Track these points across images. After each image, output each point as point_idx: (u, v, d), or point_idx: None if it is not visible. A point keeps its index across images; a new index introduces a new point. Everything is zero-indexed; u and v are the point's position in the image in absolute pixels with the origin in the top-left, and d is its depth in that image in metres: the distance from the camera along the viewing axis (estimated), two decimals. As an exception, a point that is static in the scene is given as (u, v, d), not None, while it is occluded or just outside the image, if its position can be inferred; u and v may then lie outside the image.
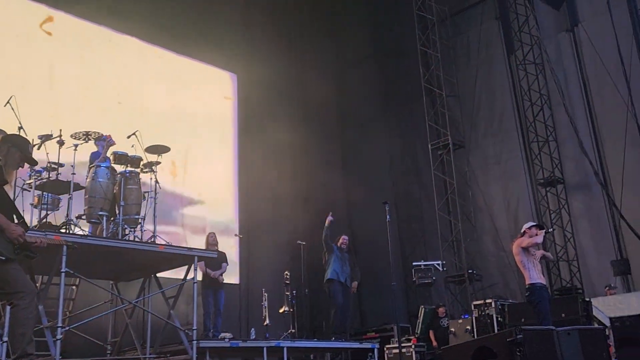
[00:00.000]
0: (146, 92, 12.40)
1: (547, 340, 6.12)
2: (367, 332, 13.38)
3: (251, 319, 12.05)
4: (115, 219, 7.91)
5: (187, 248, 8.04)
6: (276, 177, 14.57)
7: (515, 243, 7.49)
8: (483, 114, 15.07)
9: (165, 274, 8.83)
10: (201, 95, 13.76)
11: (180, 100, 13.04)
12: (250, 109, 14.64)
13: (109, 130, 8.72)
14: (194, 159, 12.85)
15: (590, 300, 9.56)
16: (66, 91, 11.00)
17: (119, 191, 7.98)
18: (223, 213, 13.47)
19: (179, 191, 12.25)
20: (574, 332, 6.42)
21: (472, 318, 10.81)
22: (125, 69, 12.21)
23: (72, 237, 6.92)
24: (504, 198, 14.44)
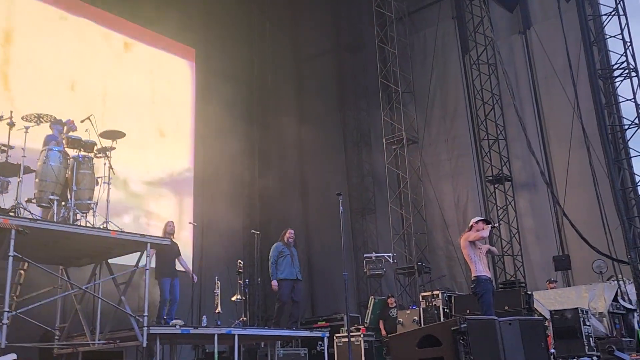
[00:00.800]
0: (102, 75, 12.10)
1: (490, 330, 6.27)
2: (318, 321, 13.43)
3: (203, 307, 11.97)
4: (67, 203, 7.71)
5: (140, 234, 7.91)
6: (232, 165, 14.45)
7: (463, 237, 7.61)
8: (437, 111, 15.27)
9: (116, 260, 8.67)
10: (158, 80, 13.52)
11: (136, 84, 12.78)
12: (207, 95, 14.45)
13: (62, 113, 8.48)
14: (149, 144, 12.62)
15: (532, 294, 9.81)
16: (18, 73, 10.64)
17: (72, 176, 7.77)
18: (178, 200, 13.29)
19: (133, 177, 12.01)
20: (515, 322, 6.59)
21: (420, 309, 10.96)
22: (80, 51, 11.88)
23: (21, 220, 6.72)
24: (454, 193, 14.69)
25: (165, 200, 12.83)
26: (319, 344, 12.16)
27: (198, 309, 12.18)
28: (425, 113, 15.11)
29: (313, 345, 12.25)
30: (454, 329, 5.94)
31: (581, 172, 12.26)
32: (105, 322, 7.99)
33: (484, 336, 6.16)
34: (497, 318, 6.50)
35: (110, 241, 7.73)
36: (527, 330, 6.63)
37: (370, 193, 16.50)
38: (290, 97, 16.82)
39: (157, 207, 12.41)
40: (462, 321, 5.93)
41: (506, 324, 6.46)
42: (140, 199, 12.12)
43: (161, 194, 12.82)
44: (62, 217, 7.62)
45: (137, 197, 11.97)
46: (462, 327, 5.90)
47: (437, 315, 10.56)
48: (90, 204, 7.93)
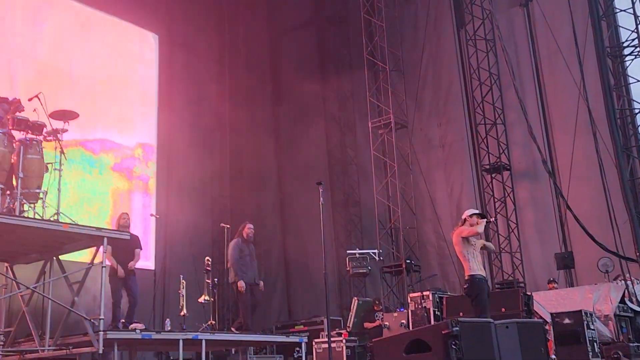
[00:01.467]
0: (55, 50, 11.96)
1: (484, 334, 6.35)
2: (295, 325, 13.51)
3: (167, 309, 11.97)
4: (13, 192, 7.64)
5: (95, 228, 7.86)
6: (201, 150, 14.40)
7: (455, 232, 7.67)
8: (428, 92, 15.34)
9: (69, 257, 8.61)
10: (118, 57, 13.40)
11: (94, 60, 12.66)
12: (173, 73, 14.36)
13: (7, 91, 8.38)
14: (106, 125, 12.52)
15: (531, 295, 9.95)
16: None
17: (17, 161, 7.69)
18: (138, 189, 13.23)
19: (89, 162, 11.93)
20: (512, 325, 6.69)
21: (408, 311, 11.03)
22: (31, 24, 11.73)
23: (-40, 211, 6.65)
24: (447, 184, 14.81)
25: (124, 190, 12.75)
26: (296, 351, 12.20)
27: (161, 312, 12.17)
28: (415, 94, 15.16)
29: (290, 351, 12.29)
30: (445, 332, 6.01)
31: (587, 160, 12.41)
32: (56, 326, 7.94)
33: (478, 340, 6.24)
34: (492, 321, 6.59)
35: (62, 235, 7.66)
36: (526, 334, 6.74)
37: (354, 183, 16.55)
38: (265, 75, 16.77)
39: (115, 197, 12.33)
40: (454, 324, 6.00)
41: (503, 327, 6.56)
42: (96, 187, 12.03)
43: (120, 182, 12.73)
44: (7, 207, 7.54)
45: (92, 185, 11.88)
46: (454, 331, 5.97)
47: (427, 318, 10.65)
48: (39, 193, 7.86)
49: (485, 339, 6.32)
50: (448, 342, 5.95)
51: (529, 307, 9.57)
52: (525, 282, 12.92)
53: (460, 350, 5.95)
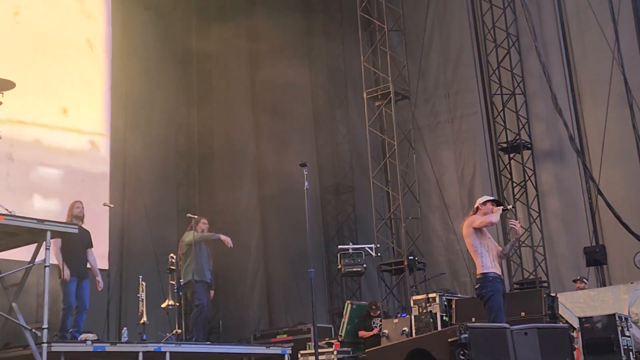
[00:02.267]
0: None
1: (498, 341, 6.37)
2: (277, 334, 13.52)
3: (124, 316, 11.96)
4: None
5: (37, 220, 7.81)
6: (161, 124, 14.32)
7: (466, 222, 7.68)
8: (435, 57, 15.33)
9: (6, 255, 8.57)
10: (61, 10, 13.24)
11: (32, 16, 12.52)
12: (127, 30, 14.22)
13: None
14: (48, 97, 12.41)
15: (556, 296, 10.01)
16: None
17: (-57, 140, 7.65)
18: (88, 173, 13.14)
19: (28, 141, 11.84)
20: (532, 331, 6.71)
21: (411, 317, 11.07)
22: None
23: None
24: (457, 165, 14.85)
25: (71, 174, 12.67)
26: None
27: (117, 319, 12.16)
28: (419, 59, 15.15)
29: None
30: (452, 340, 6.03)
31: (621, 137, 12.46)
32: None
33: (491, 349, 6.26)
34: (508, 326, 6.61)
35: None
36: (548, 342, 6.77)
37: (346, 165, 16.55)
38: (239, 34, 16.66)
39: (60, 183, 12.25)
40: (463, 330, 6.02)
41: (521, 333, 6.58)
42: (37, 171, 11.95)
43: (65, 164, 12.65)
44: None
45: (31, 168, 11.80)
46: (462, 338, 5.99)
47: (433, 324, 10.70)
48: (-31, 179, 7.82)
49: (500, 347, 6.35)
50: (455, 351, 5.97)
51: (553, 310, 9.63)
52: (549, 282, 13.01)
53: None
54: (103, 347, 8.11)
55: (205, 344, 9.61)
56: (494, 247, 7.66)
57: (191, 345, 9.39)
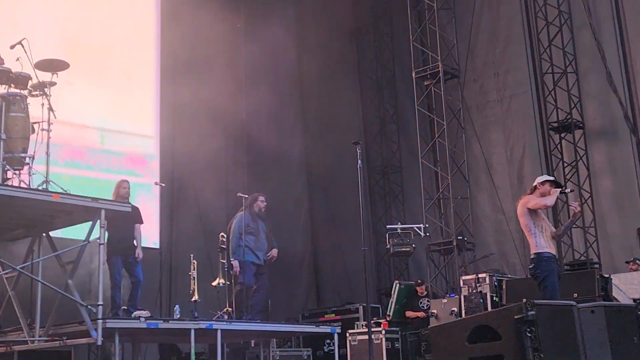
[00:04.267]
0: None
1: (565, 319, 6.26)
2: (325, 313, 13.60)
3: (175, 294, 12.10)
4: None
5: (92, 198, 7.92)
6: (213, 108, 14.37)
7: (521, 201, 7.62)
8: (484, 35, 15.15)
9: (61, 233, 8.71)
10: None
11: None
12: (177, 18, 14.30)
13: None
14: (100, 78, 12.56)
15: (609, 277, 9.87)
16: None
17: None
18: (139, 153, 13.30)
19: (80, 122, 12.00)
20: (599, 309, 6.57)
21: (460, 297, 11.06)
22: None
23: None
24: (506, 145, 14.69)
25: (122, 154, 12.83)
26: (326, 343, 12.32)
27: (168, 297, 12.31)
28: (468, 37, 14.97)
29: (319, 344, 12.41)
30: (518, 317, 5.94)
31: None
32: (47, 313, 8.08)
33: (557, 327, 6.16)
34: (574, 304, 6.51)
35: (52, 207, 7.76)
36: (616, 320, 6.63)
37: (394, 145, 16.50)
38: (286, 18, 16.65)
39: (112, 162, 12.41)
40: (530, 307, 5.92)
41: (587, 311, 6.46)
42: (90, 151, 12.12)
43: (118, 144, 12.80)
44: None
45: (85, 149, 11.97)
46: (529, 315, 5.89)
47: (483, 305, 10.66)
48: (25, 158, 7.94)
49: (566, 325, 6.24)
50: (522, 329, 5.89)
51: (606, 291, 9.51)
52: (601, 263, 12.80)
53: (537, 338, 5.87)
54: (156, 324, 8.22)
55: (255, 322, 9.66)
56: (548, 227, 7.59)
57: (241, 323, 9.46)
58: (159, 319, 8.73)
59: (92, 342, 7.68)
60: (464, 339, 6.37)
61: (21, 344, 8.23)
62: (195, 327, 8.42)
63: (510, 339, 6.02)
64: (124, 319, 8.56)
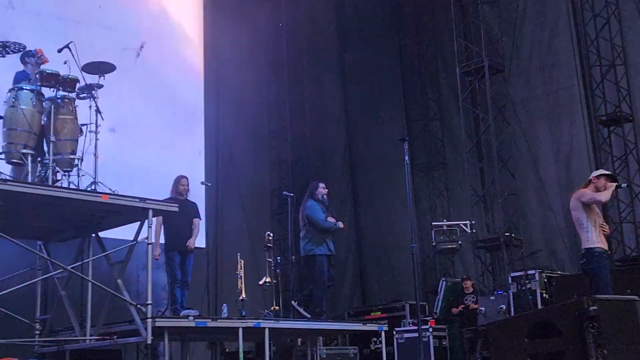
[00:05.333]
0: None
1: (628, 314, 6.17)
2: (371, 311, 13.59)
3: (222, 293, 12.18)
4: (44, 159, 7.84)
5: (139, 198, 8.00)
6: (253, 103, 14.47)
7: (575, 195, 7.54)
8: (529, 28, 14.94)
9: (110, 233, 8.82)
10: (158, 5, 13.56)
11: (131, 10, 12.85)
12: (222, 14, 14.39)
13: (33, 41, 8.56)
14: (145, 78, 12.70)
15: (662, 273, 9.71)
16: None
17: (48, 122, 7.89)
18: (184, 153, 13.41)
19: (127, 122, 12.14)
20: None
21: (509, 294, 10.97)
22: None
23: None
24: (554, 140, 14.49)
25: (168, 154, 12.94)
26: (373, 341, 12.30)
27: (215, 296, 12.40)
28: (513, 31, 14.80)
29: (366, 342, 12.39)
30: (579, 312, 5.85)
31: None
32: (98, 312, 8.19)
33: (620, 323, 6.06)
34: (637, 299, 6.40)
35: (101, 207, 7.86)
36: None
37: (439, 141, 16.38)
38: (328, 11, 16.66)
39: (159, 162, 12.52)
40: (592, 302, 5.83)
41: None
42: (137, 151, 12.25)
43: (163, 144, 12.92)
44: (39, 176, 7.76)
45: (132, 149, 12.10)
46: (591, 311, 5.80)
47: (532, 301, 10.56)
48: (74, 160, 8.06)
49: (629, 320, 6.14)
50: (584, 324, 5.80)
51: (660, 288, 9.32)
52: (653, 258, 12.58)
53: (600, 334, 5.79)
54: (205, 323, 8.29)
55: (302, 321, 9.67)
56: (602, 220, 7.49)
57: (289, 321, 9.49)
58: (208, 317, 8.82)
59: (142, 341, 7.75)
60: (523, 335, 6.30)
61: (73, 343, 8.36)
62: (243, 326, 8.46)
63: (572, 335, 5.95)
64: (173, 317, 8.63)
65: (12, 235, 7.73)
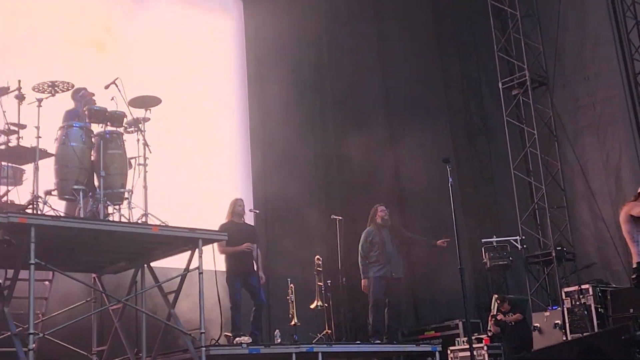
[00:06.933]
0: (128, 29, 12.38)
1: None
2: (425, 330, 13.51)
3: (274, 318, 12.20)
4: (95, 193, 8.00)
5: (189, 229, 8.11)
6: (300, 134, 14.54)
7: (625, 208, 7.46)
8: (571, 39, 14.84)
9: (162, 263, 8.94)
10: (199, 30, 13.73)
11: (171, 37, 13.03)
12: (264, 47, 14.55)
13: (81, 79, 8.76)
14: (192, 112, 12.88)
15: None
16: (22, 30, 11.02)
17: (98, 158, 8.05)
18: (232, 181, 13.53)
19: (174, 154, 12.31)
20: None
21: (563, 309, 10.82)
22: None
23: (42, 218, 7.02)
24: (602, 150, 14.32)
25: (217, 183, 13.06)
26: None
27: (267, 321, 12.42)
28: (555, 43, 14.68)
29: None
30: (626, 337, 5.76)
31: None
32: (152, 342, 8.30)
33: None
34: None
35: (152, 239, 7.98)
36: None
37: (485, 157, 16.28)
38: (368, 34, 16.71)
39: (208, 190, 12.65)
40: (637, 326, 5.74)
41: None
42: (185, 182, 12.39)
43: (212, 174, 13.05)
44: (90, 211, 7.90)
45: (181, 180, 12.25)
46: (637, 335, 5.71)
47: (587, 317, 10.39)
48: (124, 193, 8.20)
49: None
50: (631, 350, 5.70)
51: None
52: None
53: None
54: (258, 350, 8.34)
55: (356, 344, 9.67)
56: None
57: (342, 345, 9.50)
58: (261, 344, 8.84)
59: (197, 370, 7.83)
60: (571, 361, 6.23)
61: (129, 373, 8.47)
62: (297, 351, 8.50)
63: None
64: (226, 345, 8.69)
65: (67, 269, 7.90)
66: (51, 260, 7.23)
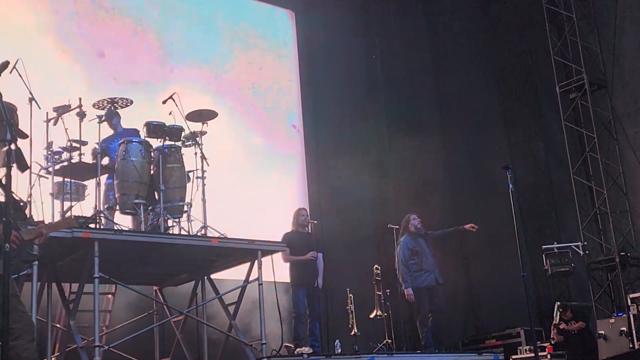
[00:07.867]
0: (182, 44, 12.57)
1: None
2: (485, 339, 13.34)
3: (334, 328, 12.18)
4: (155, 207, 8.11)
5: (248, 240, 8.17)
6: (355, 141, 14.54)
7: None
8: (629, 40, 14.54)
9: (222, 275, 9.01)
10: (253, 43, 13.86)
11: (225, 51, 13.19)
12: (317, 60, 14.62)
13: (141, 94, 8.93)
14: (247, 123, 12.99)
15: None
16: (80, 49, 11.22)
17: (157, 172, 8.17)
18: (288, 190, 13.58)
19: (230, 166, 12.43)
20: None
21: (629, 316, 10.57)
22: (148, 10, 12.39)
23: (105, 232, 7.14)
24: (664, 152, 13.99)
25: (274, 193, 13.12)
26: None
27: (326, 331, 12.41)
28: (613, 44, 14.42)
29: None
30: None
31: None
32: (214, 353, 8.36)
33: None
34: None
35: (212, 251, 8.07)
36: None
37: (542, 162, 16.03)
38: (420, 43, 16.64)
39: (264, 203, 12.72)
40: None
41: None
42: (243, 193, 12.48)
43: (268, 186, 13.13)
44: (151, 224, 8.02)
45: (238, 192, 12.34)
46: None
47: (654, 323, 10.15)
48: (183, 206, 8.31)
49: None
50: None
51: None
52: None
53: None
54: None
55: (416, 354, 9.58)
56: None
57: (402, 355, 9.42)
58: (322, 354, 8.83)
59: (258, 381, 7.86)
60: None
61: (192, 384, 8.55)
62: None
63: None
64: (287, 356, 8.70)
65: (129, 282, 8.03)
66: (113, 273, 7.36)
